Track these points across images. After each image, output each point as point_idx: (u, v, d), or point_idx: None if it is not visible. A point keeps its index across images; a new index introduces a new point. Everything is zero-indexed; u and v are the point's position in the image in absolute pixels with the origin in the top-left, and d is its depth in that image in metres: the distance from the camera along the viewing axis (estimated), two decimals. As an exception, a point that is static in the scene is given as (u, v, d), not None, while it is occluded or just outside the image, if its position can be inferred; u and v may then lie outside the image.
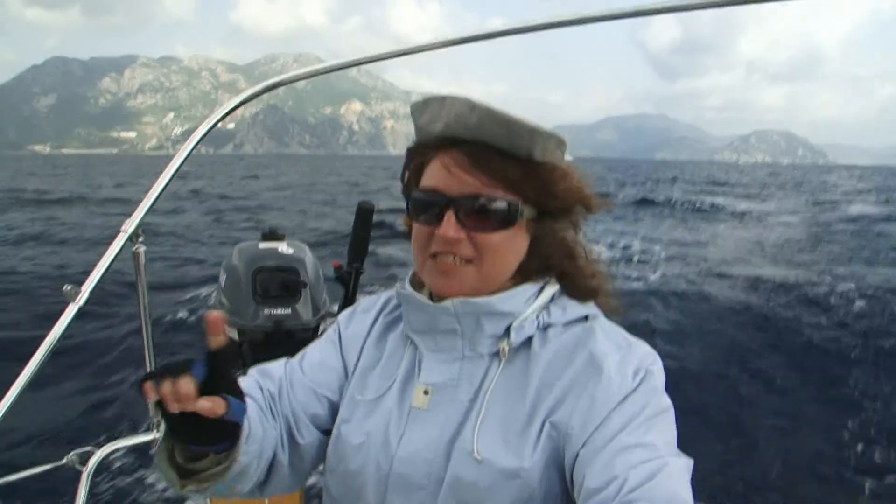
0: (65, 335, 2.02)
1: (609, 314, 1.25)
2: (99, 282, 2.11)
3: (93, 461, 2.39)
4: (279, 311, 2.57)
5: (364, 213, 2.43)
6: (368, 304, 1.42)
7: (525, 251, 1.19)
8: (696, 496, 0.98)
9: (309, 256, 2.71)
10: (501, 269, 1.17)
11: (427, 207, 1.15)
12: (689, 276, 14.49)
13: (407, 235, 1.27)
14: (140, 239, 2.29)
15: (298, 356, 1.38)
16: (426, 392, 1.19)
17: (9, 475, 2.33)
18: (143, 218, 2.21)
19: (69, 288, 2.07)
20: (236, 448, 1.06)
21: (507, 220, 1.12)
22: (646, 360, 1.12)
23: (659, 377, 1.12)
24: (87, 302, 2.06)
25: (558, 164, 1.15)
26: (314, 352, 1.38)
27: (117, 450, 2.47)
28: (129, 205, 2.36)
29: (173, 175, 2.27)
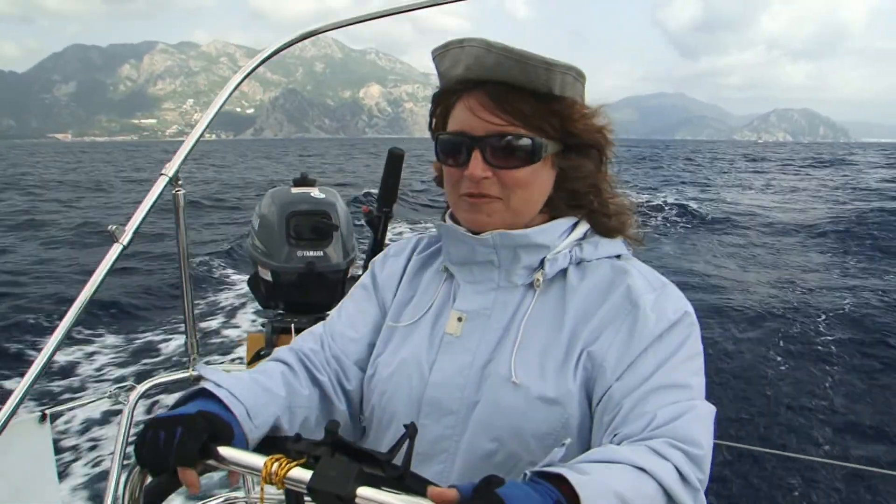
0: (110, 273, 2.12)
1: (633, 245, 1.32)
2: (142, 223, 2.21)
3: (134, 395, 2.53)
4: (311, 253, 2.67)
5: (394, 160, 2.52)
6: (399, 248, 1.47)
7: (551, 186, 1.24)
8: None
9: (340, 201, 2.81)
10: (528, 204, 1.22)
11: (454, 149, 1.21)
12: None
13: (437, 182, 1.36)
14: (179, 182, 2.39)
15: (335, 311, 1.44)
16: (460, 319, 1.24)
17: (60, 405, 2.47)
18: (182, 162, 2.31)
19: (114, 227, 2.16)
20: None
21: (531, 156, 1.17)
22: (679, 301, 1.18)
23: (694, 320, 1.17)
24: (131, 242, 2.16)
25: (578, 101, 1.21)
26: (349, 302, 1.44)
27: (156, 385, 2.61)
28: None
29: (210, 121, 2.36)
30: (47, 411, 2.30)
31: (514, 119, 1.16)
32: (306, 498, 0.88)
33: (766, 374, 8.17)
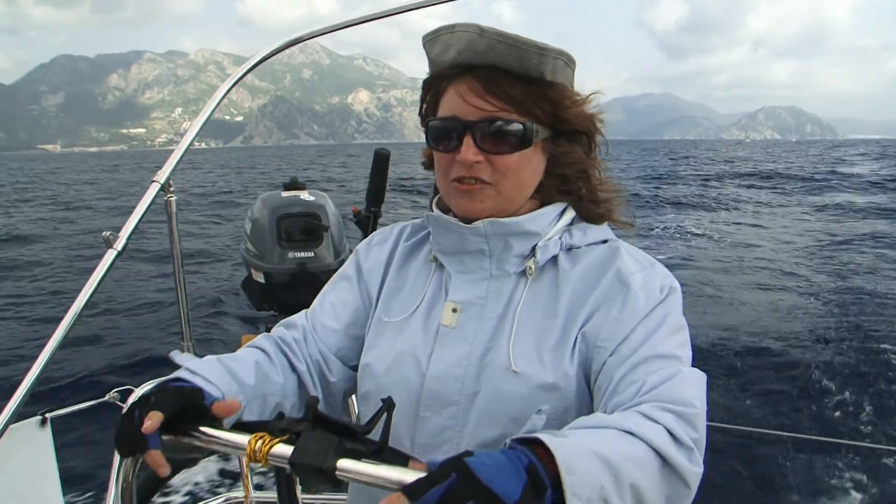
0: (105, 279, 2.16)
1: (624, 229, 1.33)
2: (135, 228, 2.25)
3: (132, 398, 2.56)
4: (302, 254, 2.72)
5: (381, 161, 2.58)
6: (383, 236, 1.46)
7: (542, 171, 1.24)
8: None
9: (329, 203, 2.86)
10: (520, 189, 1.22)
11: (446, 134, 1.20)
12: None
13: (426, 166, 1.34)
14: (171, 189, 2.42)
15: (317, 301, 1.43)
16: (455, 310, 1.24)
17: (58, 409, 2.50)
18: (173, 169, 2.34)
19: (108, 234, 2.19)
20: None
21: (522, 141, 1.17)
22: (666, 279, 1.20)
23: (679, 296, 1.19)
24: (125, 248, 2.20)
25: (568, 87, 1.21)
26: (331, 293, 1.43)
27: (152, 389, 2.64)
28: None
29: (201, 127, 2.39)
30: (48, 415, 2.33)
31: (506, 104, 1.16)
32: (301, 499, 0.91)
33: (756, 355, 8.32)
